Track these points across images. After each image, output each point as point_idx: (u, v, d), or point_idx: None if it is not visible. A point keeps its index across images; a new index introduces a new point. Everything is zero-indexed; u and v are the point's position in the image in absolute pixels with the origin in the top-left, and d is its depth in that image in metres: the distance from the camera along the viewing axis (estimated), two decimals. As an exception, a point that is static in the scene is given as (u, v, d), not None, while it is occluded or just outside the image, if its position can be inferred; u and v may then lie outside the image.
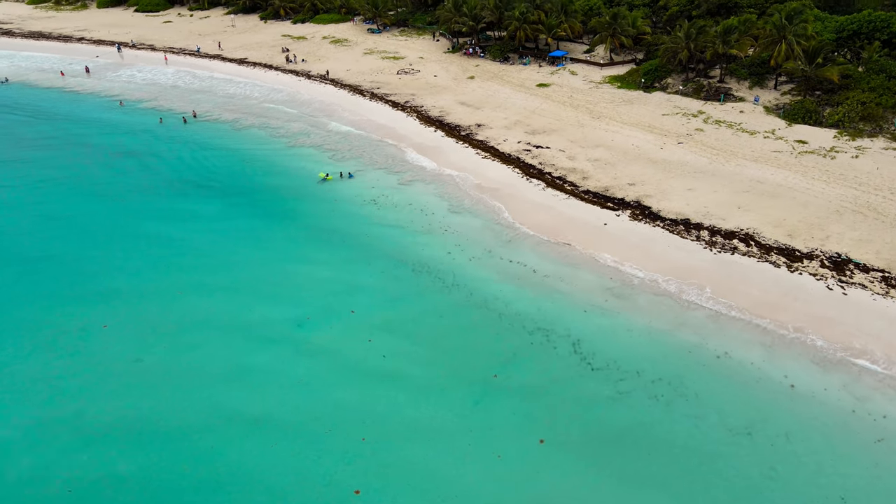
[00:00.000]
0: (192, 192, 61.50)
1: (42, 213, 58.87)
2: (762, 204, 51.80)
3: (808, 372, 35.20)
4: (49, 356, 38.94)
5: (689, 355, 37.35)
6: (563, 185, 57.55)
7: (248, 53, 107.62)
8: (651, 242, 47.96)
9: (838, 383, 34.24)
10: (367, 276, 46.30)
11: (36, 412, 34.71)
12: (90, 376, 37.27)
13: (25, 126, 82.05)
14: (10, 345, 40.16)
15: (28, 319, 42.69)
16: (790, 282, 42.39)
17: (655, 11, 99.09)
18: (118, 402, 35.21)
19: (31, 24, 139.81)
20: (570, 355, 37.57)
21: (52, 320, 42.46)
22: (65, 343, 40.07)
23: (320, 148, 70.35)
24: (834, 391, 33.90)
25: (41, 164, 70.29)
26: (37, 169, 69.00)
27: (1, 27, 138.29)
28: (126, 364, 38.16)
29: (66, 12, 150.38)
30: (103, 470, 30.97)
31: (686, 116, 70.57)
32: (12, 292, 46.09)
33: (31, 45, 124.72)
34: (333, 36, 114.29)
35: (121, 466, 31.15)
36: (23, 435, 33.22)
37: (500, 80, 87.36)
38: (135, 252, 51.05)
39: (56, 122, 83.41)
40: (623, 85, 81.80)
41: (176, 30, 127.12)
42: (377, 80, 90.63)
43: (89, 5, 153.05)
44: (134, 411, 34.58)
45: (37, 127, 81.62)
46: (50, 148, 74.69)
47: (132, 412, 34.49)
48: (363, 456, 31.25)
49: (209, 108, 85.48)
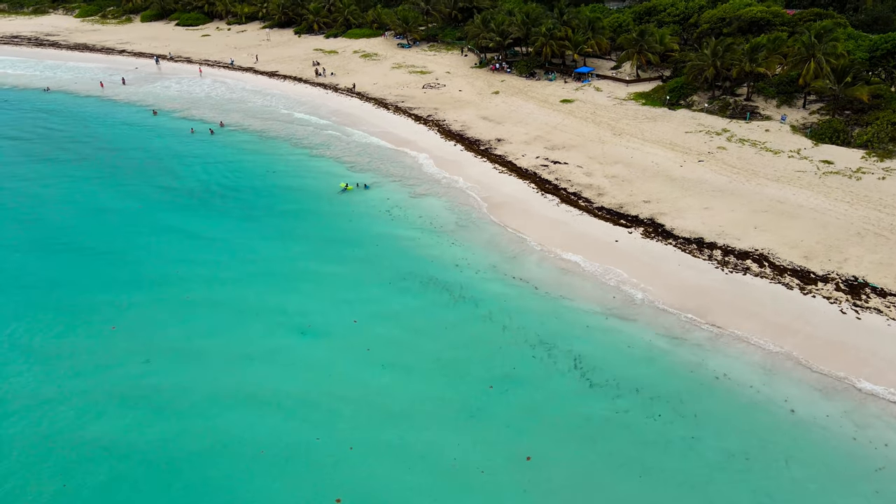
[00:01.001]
0: (213, 199, 62.68)
1: (75, 209, 61.74)
2: (780, 224, 50.64)
3: (810, 397, 34.16)
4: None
5: (690, 374, 36.61)
6: (578, 200, 57.15)
7: (280, 66, 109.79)
8: (661, 261, 47.24)
9: (840, 410, 33.15)
10: (374, 285, 46.54)
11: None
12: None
13: (60, 132, 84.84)
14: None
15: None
16: (802, 304, 41.27)
17: (686, 28, 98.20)
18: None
19: (76, 36, 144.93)
20: (571, 370, 37.13)
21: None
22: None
23: (341, 159, 71.19)
24: (836, 418, 32.81)
25: (74, 166, 72.84)
26: (70, 170, 71.65)
27: (48, 39, 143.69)
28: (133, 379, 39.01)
29: (112, 26, 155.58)
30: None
31: (709, 134, 69.56)
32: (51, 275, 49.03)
33: (74, 56, 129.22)
34: (364, 50, 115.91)
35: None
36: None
37: (524, 95, 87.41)
38: (150, 252, 52.67)
39: (89, 128, 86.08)
40: (647, 102, 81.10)
41: (213, 43, 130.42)
42: (402, 93, 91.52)
43: (133, 19, 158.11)
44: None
45: (71, 133, 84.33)
46: (81, 152, 77.06)
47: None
48: (349, 464, 31.30)
49: (238, 118, 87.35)
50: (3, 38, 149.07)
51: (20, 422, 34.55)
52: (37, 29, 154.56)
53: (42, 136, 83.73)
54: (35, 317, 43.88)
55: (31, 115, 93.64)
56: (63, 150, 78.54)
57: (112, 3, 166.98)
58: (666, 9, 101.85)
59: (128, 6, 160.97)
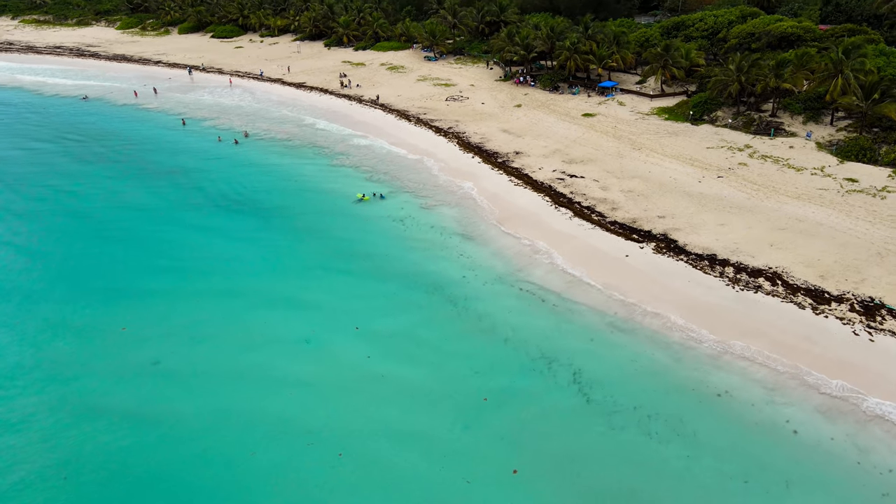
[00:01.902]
0: (232, 206, 63.73)
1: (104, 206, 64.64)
2: (797, 242, 49.45)
3: (814, 418, 33.15)
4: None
5: (691, 392, 35.84)
6: (591, 214, 56.64)
7: (308, 78, 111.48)
8: (670, 276, 46.46)
9: (844, 432, 32.06)
10: (380, 294, 46.69)
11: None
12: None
13: (94, 138, 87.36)
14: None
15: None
16: (813, 324, 40.14)
17: (714, 43, 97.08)
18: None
19: (116, 47, 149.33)
20: (569, 385, 36.64)
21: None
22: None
23: (360, 168, 71.81)
24: (840, 440, 31.74)
25: (103, 168, 75.18)
26: (99, 171, 74.07)
27: (89, 49, 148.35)
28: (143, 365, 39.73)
29: (150, 37, 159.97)
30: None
31: (731, 150, 68.44)
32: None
33: (113, 66, 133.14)
34: (391, 63, 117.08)
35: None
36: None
37: (546, 109, 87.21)
38: (168, 252, 54.46)
39: (121, 135, 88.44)
40: (670, 117, 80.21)
41: (245, 55, 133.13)
42: (425, 105, 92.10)
43: (171, 31, 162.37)
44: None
45: (103, 139, 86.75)
46: (111, 157, 79.24)
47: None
48: (336, 470, 31.40)
49: (265, 127, 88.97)
50: (47, 48, 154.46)
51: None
52: (79, 40, 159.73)
53: (77, 142, 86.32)
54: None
55: (68, 121, 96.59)
56: (95, 154, 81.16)
57: (152, 16, 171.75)
58: (694, 24, 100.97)
59: (166, 18, 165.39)
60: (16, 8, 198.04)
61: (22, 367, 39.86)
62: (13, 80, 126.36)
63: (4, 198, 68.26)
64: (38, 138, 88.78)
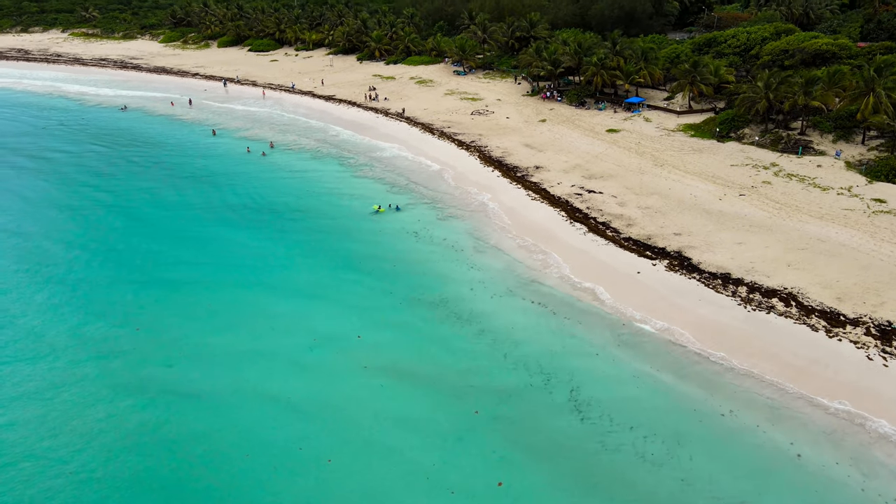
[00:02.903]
0: (251, 213, 64.81)
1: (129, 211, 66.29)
2: (816, 263, 48.03)
3: (819, 441, 32.06)
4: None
5: (692, 413, 34.97)
6: (606, 230, 55.95)
7: (337, 91, 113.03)
8: (681, 294, 45.55)
9: (850, 457, 30.86)
10: (385, 304, 46.82)
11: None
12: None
13: (127, 147, 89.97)
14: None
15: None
16: (825, 347, 38.87)
17: (746, 60, 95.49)
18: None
19: (157, 60, 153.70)
20: (564, 402, 36.07)
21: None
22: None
23: (381, 180, 72.31)
24: (844, 466, 30.53)
25: (133, 176, 77.31)
26: (130, 179, 76.31)
27: (132, 62, 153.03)
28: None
29: (190, 51, 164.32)
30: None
31: (756, 168, 67.00)
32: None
33: (152, 78, 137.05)
34: (420, 77, 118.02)
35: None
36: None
37: (570, 124, 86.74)
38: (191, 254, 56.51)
39: (153, 145, 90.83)
40: (696, 133, 78.97)
41: (279, 68, 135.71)
42: (450, 119, 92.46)
43: (211, 45, 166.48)
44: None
45: (135, 148, 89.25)
46: (141, 165, 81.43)
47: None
48: (324, 474, 31.62)
49: (293, 138, 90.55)
50: (93, 60, 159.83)
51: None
52: (123, 53, 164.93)
53: (112, 149, 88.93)
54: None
55: (105, 130, 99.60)
56: (128, 161, 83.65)
57: (194, 30, 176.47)
58: (727, 40, 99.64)
59: (207, 32, 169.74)
60: (66, 21, 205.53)
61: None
62: (59, 90, 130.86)
63: (48, 196, 71.15)
64: (76, 142, 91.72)
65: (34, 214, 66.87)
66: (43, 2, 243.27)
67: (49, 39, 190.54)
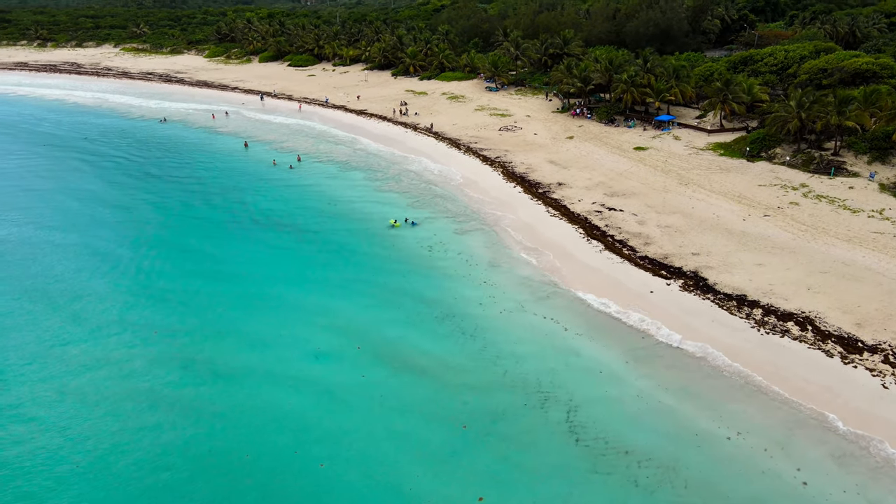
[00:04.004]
0: (271, 224, 65.65)
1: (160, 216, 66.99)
2: (838, 287, 46.30)
3: (826, 468, 30.70)
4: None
5: (694, 437, 33.85)
6: (622, 248, 55.03)
7: (370, 105, 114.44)
8: (693, 315, 44.40)
9: (856, 483, 29.46)
10: (391, 316, 46.75)
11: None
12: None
13: (161, 158, 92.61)
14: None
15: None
16: (839, 374, 37.35)
17: (783, 79, 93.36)
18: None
19: (200, 74, 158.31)
20: (560, 423, 35.31)
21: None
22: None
23: (403, 194, 72.60)
24: (852, 494, 29.11)
25: (163, 184, 79.18)
26: (159, 187, 77.99)
27: (176, 76, 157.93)
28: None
29: (233, 65, 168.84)
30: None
31: (784, 189, 65.20)
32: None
33: (194, 91, 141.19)
34: (452, 92, 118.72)
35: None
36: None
37: (598, 141, 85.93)
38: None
39: (187, 156, 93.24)
40: (726, 153, 77.36)
41: (316, 83, 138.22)
42: (478, 135, 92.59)
43: (252, 60, 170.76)
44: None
45: (169, 160, 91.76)
46: (174, 174, 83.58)
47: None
48: (314, 477, 32.06)
49: (323, 150, 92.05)
50: (140, 74, 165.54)
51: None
52: (169, 67, 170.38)
53: (144, 159, 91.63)
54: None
55: (143, 141, 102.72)
56: (165, 170, 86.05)
57: (237, 46, 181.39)
58: (763, 58, 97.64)
59: (249, 48, 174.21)
60: (119, 37, 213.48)
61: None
62: (106, 101, 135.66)
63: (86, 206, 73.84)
64: (111, 152, 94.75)
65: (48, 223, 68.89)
66: (99, 18, 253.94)
67: (101, 54, 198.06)
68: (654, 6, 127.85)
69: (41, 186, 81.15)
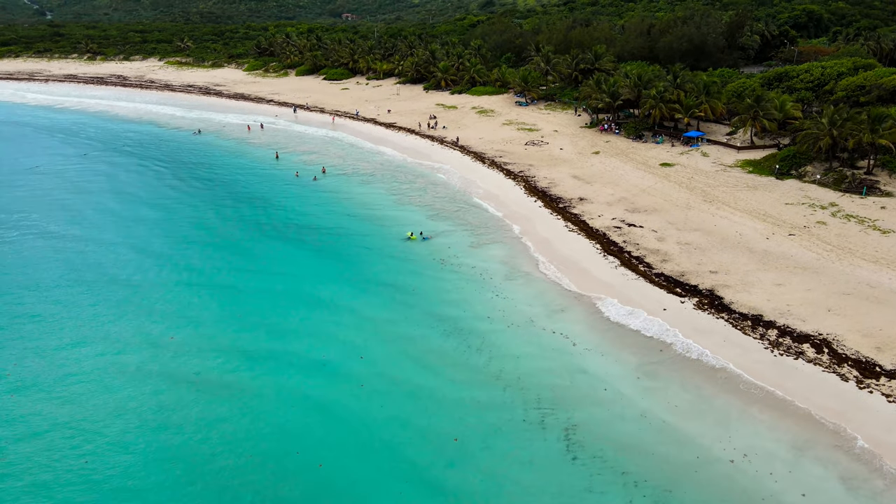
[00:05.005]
0: (292, 235, 66.43)
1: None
2: (860, 309, 44.64)
3: (833, 494, 29.49)
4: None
5: (694, 460, 32.82)
6: (638, 265, 54.07)
7: (399, 119, 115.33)
8: (705, 334, 43.26)
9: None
10: (397, 328, 46.63)
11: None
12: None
13: (194, 167, 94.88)
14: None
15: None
16: (853, 398, 35.94)
17: (819, 96, 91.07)
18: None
19: (238, 87, 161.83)
20: (557, 441, 34.61)
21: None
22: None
23: (423, 206, 72.68)
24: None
25: (192, 193, 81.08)
26: (188, 195, 79.98)
27: (215, 88, 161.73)
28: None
29: (270, 78, 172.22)
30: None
31: (812, 208, 63.36)
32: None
33: (230, 104, 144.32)
34: (481, 107, 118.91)
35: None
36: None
37: (624, 157, 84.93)
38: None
39: (217, 167, 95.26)
40: (754, 170, 75.64)
41: (348, 96, 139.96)
42: (503, 149, 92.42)
43: (289, 73, 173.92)
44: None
45: (197, 170, 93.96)
46: (203, 183, 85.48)
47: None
48: (306, 479, 32.64)
49: (348, 162, 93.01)
50: (181, 86, 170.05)
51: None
52: (209, 80, 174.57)
53: (172, 169, 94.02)
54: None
55: (176, 151, 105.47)
56: (194, 178, 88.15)
57: (275, 60, 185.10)
58: (799, 75, 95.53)
59: (286, 62, 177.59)
60: (164, 51, 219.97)
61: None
62: (149, 112, 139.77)
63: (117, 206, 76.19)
64: (143, 161, 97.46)
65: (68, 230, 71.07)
66: (147, 33, 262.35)
67: (146, 67, 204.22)
68: (689, 22, 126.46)
69: (90, 188, 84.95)
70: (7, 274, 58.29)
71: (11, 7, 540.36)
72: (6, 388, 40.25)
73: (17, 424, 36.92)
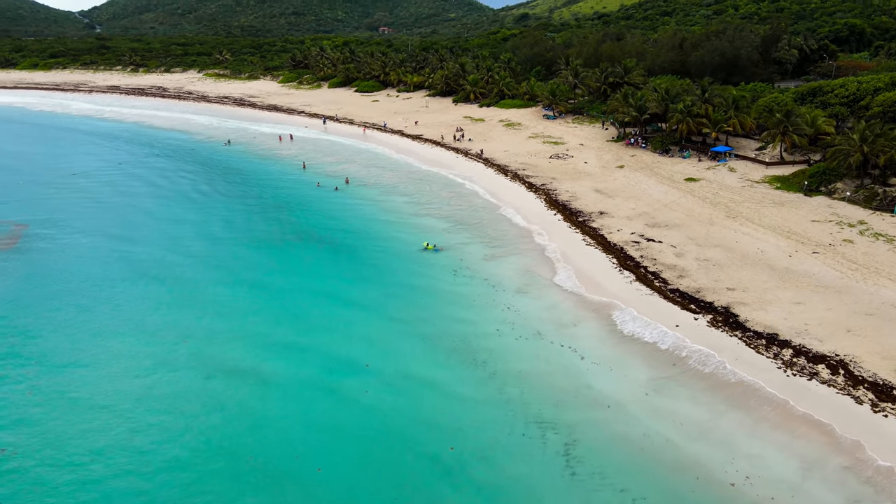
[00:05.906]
0: (311, 243, 67.08)
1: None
2: (882, 330, 43.08)
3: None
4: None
5: (695, 481, 31.93)
6: (654, 280, 53.15)
7: (426, 131, 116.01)
8: (716, 352, 42.17)
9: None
10: (401, 338, 46.49)
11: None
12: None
13: (224, 175, 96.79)
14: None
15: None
16: (867, 422, 34.55)
17: (854, 111, 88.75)
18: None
19: (272, 98, 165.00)
20: (557, 456, 34.04)
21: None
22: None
23: (442, 218, 72.75)
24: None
25: (219, 201, 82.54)
26: (212, 204, 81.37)
27: (249, 100, 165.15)
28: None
29: (303, 90, 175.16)
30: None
31: (840, 225, 61.59)
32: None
33: (262, 115, 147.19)
34: (509, 120, 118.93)
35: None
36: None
37: (649, 171, 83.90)
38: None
39: (243, 177, 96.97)
40: (782, 186, 73.94)
41: (378, 108, 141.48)
42: (527, 162, 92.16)
43: (322, 85, 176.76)
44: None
45: (226, 180, 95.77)
46: (228, 192, 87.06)
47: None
48: (302, 479, 32.87)
49: (376, 173, 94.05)
50: (217, 97, 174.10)
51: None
52: (244, 91, 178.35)
53: (200, 177, 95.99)
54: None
55: (208, 160, 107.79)
56: (225, 184, 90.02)
57: (309, 72, 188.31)
58: (833, 90, 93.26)
59: (320, 74, 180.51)
60: (203, 63, 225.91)
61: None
62: (183, 121, 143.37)
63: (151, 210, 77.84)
64: (178, 168, 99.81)
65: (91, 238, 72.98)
66: (188, 45, 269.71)
67: (185, 79, 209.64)
68: (722, 35, 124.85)
69: (130, 191, 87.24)
70: (60, 270, 60.41)
71: (63, 21, 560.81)
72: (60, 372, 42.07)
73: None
